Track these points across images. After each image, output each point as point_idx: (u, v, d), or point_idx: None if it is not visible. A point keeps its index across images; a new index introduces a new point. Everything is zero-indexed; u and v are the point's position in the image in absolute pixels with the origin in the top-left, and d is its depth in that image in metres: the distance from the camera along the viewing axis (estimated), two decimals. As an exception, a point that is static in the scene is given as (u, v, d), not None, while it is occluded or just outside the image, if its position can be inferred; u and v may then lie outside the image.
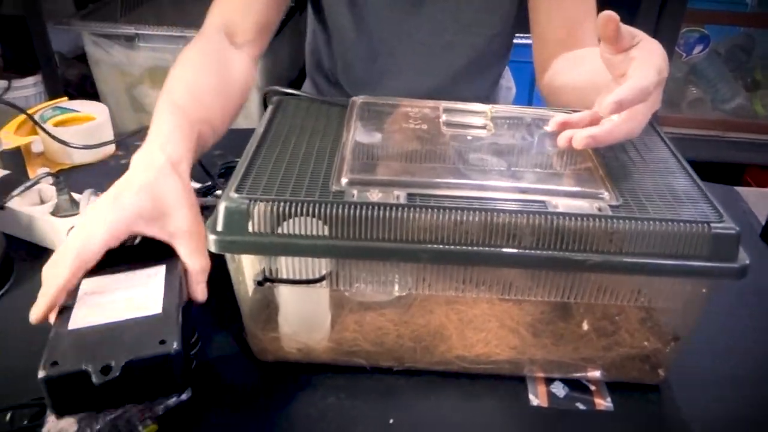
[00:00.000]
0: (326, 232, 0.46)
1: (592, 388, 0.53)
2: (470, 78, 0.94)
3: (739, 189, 0.84)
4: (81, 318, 0.46)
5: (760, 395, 0.54)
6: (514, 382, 0.54)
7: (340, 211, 0.45)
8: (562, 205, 0.47)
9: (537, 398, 0.53)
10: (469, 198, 0.47)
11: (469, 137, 0.56)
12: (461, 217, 0.45)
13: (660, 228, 0.45)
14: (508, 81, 1.10)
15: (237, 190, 0.47)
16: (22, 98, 1.49)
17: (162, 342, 0.43)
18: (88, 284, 0.48)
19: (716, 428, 0.51)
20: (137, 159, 0.53)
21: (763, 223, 0.75)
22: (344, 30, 0.88)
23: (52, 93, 1.53)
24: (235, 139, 0.64)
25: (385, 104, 0.61)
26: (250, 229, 0.46)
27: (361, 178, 0.49)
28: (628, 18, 1.42)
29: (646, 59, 0.51)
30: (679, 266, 0.45)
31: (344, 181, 0.48)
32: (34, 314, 0.47)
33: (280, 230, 0.46)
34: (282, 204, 0.45)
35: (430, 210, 0.45)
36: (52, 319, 0.47)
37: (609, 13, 0.51)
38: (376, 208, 0.45)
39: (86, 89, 1.73)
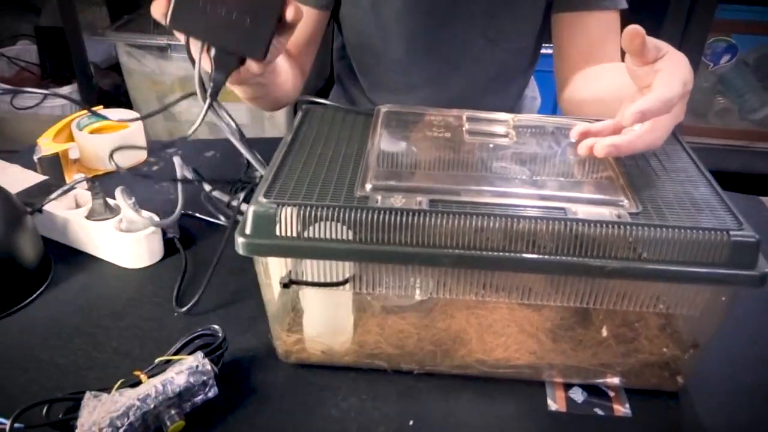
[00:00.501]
0: (350, 237, 0.47)
1: (611, 394, 0.54)
2: (496, 89, 0.95)
3: (763, 198, 0.84)
4: None
5: (782, 405, 0.54)
6: (533, 386, 0.54)
7: (364, 216, 0.46)
8: (582, 212, 0.47)
9: (555, 403, 0.53)
10: (490, 204, 0.48)
11: (491, 145, 0.57)
12: (482, 222, 0.46)
13: (679, 235, 0.45)
14: (533, 91, 1.10)
15: (265, 195, 0.49)
16: (58, 107, 1.54)
17: None
18: None
19: (736, 437, 0.51)
20: None
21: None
22: (370, 44, 0.90)
23: (87, 101, 1.58)
24: (265, 147, 0.66)
25: (409, 113, 0.63)
26: (278, 232, 0.47)
27: (385, 185, 0.50)
28: (655, 27, 1.42)
29: (672, 71, 0.52)
30: (697, 273, 0.45)
31: (368, 187, 0.50)
32: None
33: (306, 234, 0.47)
34: (308, 208, 0.47)
35: (451, 216, 0.46)
36: None
37: (635, 28, 0.52)
38: (399, 213, 0.46)
39: (119, 98, 1.78)
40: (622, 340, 0.53)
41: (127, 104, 1.68)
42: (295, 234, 0.47)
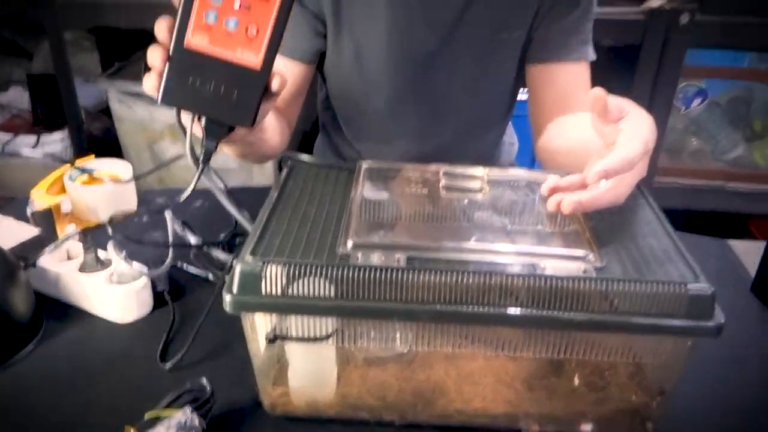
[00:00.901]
0: (333, 293, 0.50)
1: (585, 440, 0.56)
2: (475, 137, 0.99)
3: (730, 241, 0.88)
4: None
5: (749, 448, 0.56)
6: (511, 434, 0.57)
7: (345, 273, 0.49)
8: (551, 266, 0.50)
9: (532, 450, 0.55)
10: (465, 261, 0.51)
11: (466, 201, 0.60)
12: (457, 278, 0.49)
13: (639, 288, 0.48)
14: (510, 137, 1.15)
15: (252, 253, 0.51)
16: (48, 152, 1.57)
17: None
18: None
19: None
20: None
21: (753, 275, 0.78)
22: (354, 95, 0.94)
23: (78, 147, 1.60)
24: (252, 197, 0.69)
25: (388, 169, 0.66)
26: (263, 290, 0.50)
27: (366, 242, 0.53)
28: (629, 73, 1.48)
29: (634, 131, 0.56)
30: (658, 325, 0.48)
31: (350, 244, 0.52)
32: None
33: (290, 290, 0.50)
34: (293, 266, 0.49)
35: (428, 272, 0.49)
36: None
37: (597, 91, 0.56)
38: (379, 270, 0.49)
39: (109, 142, 1.81)
40: (594, 388, 0.56)
41: (117, 148, 1.71)
42: (280, 291, 0.50)
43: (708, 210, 1.55)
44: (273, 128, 0.79)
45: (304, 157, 0.69)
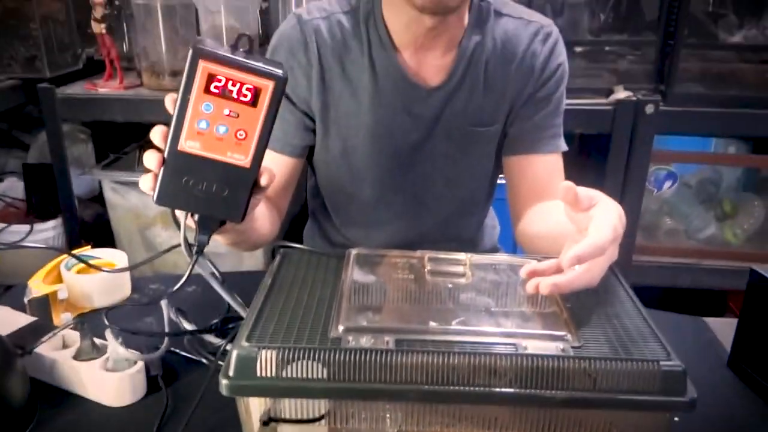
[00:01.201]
0: (325, 375, 0.52)
1: None
2: (458, 221, 1.04)
3: (707, 319, 0.91)
4: None
5: None
6: None
7: (336, 356, 0.52)
8: (531, 347, 0.53)
9: None
10: (450, 342, 0.54)
11: (450, 285, 0.64)
12: (444, 359, 0.52)
13: (615, 366, 0.51)
14: (492, 220, 1.20)
15: (247, 339, 0.54)
16: (42, 240, 1.60)
17: None
18: None
19: None
20: None
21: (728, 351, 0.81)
22: (341, 185, 0.99)
23: (71, 235, 1.64)
24: (244, 282, 0.72)
25: (376, 255, 0.70)
26: (258, 373, 0.52)
27: (356, 326, 0.56)
28: (601, 159, 1.56)
29: (603, 219, 0.61)
30: (633, 401, 0.51)
31: (341, 328, 0.55)
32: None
33: (284, 374, 0.52)
34: (286, 351, 0.52)
35: (416, 354, 0.52)
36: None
37: (567, 184, 0.61)
38: (368, 353, 0.52)
39: (100, 228, 1.84)
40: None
41: (109, 234, 1.74)
42: (274, 374, 0.52)
43: (685, 287, 1.60)
44: (263, 217, 0.83)
45: (296, 246, 0.73)
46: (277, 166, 0.92)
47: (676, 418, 0.70)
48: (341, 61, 0.90)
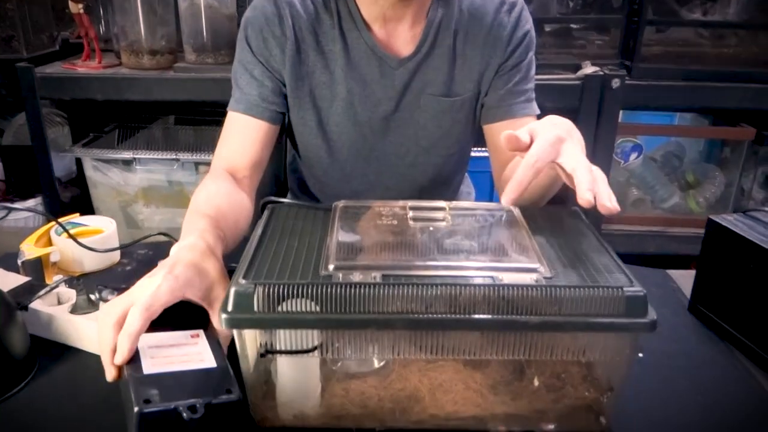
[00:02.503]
0: (317, 309, 0.56)
1: (547, 438, 0.62)
2: (432, 189, 1.08)
3: (669, 271, 0.98)
4: (151, 366, 0.57)
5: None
6: (481, 436, 0.63)
7: (328, 290, 0.56)
8: (507, 278, 0.58)
9: (501, 449, 0.61)
10: (432, 276, 0.58)
11: (431, 228, 0.68)
12: (427, 291, 0.56)
13: (583, 293, 0.56)
14: (468, 186, 1.25)
15: (244, 277, 0.58)
16: (21, 220, 1.60)
17: (228, 391, 0.55)
18: (143, 339, 0.60)
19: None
20: (180, 246, 0.67)
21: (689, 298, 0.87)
22: (318, 156, 1.02)
23: (52, 213, 1.64)
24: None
25: (362, 206, 0.74)
26: (255, 308, 0.56)
27: (345, 264, 0.60)
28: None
29: (540, 131, 0.69)
30: (600, 323, 0.56)
31: (331, 267, 0.59)
32: (120, 358, 0.58)
33: (279, 308, 0.56)
34: (280, 286, 0.56)
35: (401, 287, 0.56)
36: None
37: (506, 133, 0.68)
38: (358, 286, 0.56)
39: (78, 209, 1.85)
40: (552, 389, 0.63)
41: (90, 214, 1.75)
42: (269, 309, 0.56)
43: (652, 253, 1.67)
44: (233, 230, 0.81)
45: (284, 200, 0.76)
46: (254, 133, 0.94)
47: (640, 354, 0.76)
48: (314, 33, 0.93)
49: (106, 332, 0.59)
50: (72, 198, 1.97)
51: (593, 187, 0.65)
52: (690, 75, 1.62)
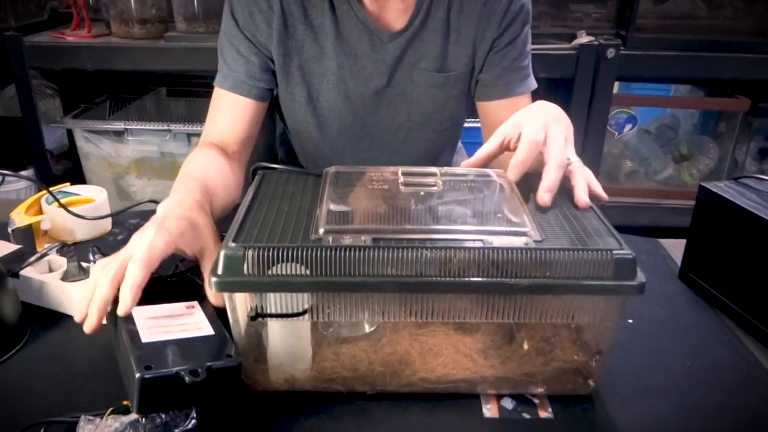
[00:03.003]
0: (307, 271, 0.56)
1: (536, 401, 0.63)
2: (425, 163, 1.07)
3: (660, 240, 0.98)
4: (149, 335, 0.58)
5: (680, 403, 0.64)
6: (470, 399, 0.63)
7: (318, 253, 0.56)
8: (497, 241, 0.58)
9: (489, 411, 0.62)
10: (423, 239, 0.58)
11: (422, 193, 0.68)
12: (417, 254, 0.56)
13: (573, 256, 0.56)
14: (462, 157, 1.24)
15: (234, 240, 0.57)
16: (13, 191, 1.59)
17: (228, 356, 0.56)
18: (139, 312, 0.60)
19: (639, 431, 0.60)
20: (167, 203, 0.68)
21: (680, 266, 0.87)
22: (309, 132, 1.01)
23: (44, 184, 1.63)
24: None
25: (353, 172, 0.73)
26: (245, 271, 0.56)
27: (336, 228, 0.60)
28: (565, 104, 1.61)
29: (525, 123, 0.71)
30: (589, 286, 0.56)
31: (321, 230, 0.59)
32: (123, 309, 0.58)
33: (269, 272, 0.56)
34: (271, 249, 0.56)
35: (391, 250, 0.56)
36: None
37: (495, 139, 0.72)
38: (348, 249, 0.56)
39: (72, 182, 1.84)
40: (541, 352, 0.63)
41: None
42: (260, 272, 0.56)
43: (644, 225, 1.68)
44: (224, 192, 0.82)
45: (275, 166, 0.76)
46: (242, 111, 0.93)
47: (630, 320, 0.77)
48: (303, 6, 0.91)
49: (103, 284, 0.60)
50: (65, 171, 1.96)
51: (574, 184, 0.67)
52: (685, 45, 1.60)
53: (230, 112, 0.93)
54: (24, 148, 1.67)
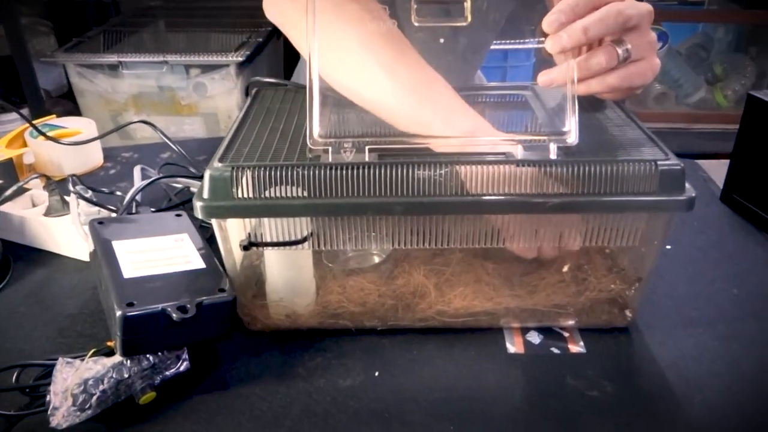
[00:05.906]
0: (306, 194, 0.49)
1: (566, 334, 0.56)
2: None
3: (699, 161, 0.89)
4: (132, 270, 0.51)
5: (728, 334, 0.57)
6: (492, 333, 0.57)
7: (317, 172, 0.48)
8: (522, 152, 0.50)
9: (514, 347, 0.55)
10: (436, 154, 0.50)
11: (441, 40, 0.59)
12: (429, 171, 0.48)
13: (611, 168, 0.48)
14: (480, 80, 1.14)
15: (221, 160, 0.50)
16: (8, 131, 1.53)
17: (221, 290, 0.50)
18: (122, 246, 0.54)
19: (682, 364, 0.54)
20: None
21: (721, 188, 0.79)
22: None
23: (40, 126, 1.57)
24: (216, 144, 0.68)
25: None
26: (235, 194, 0.49)
27: (334, 141, 0.51)
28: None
29: None
30: (631, 202, 0.48)
31: (317, 136, 0.51)
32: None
33: (263, 194, 0.49)
34: (264, 169, 0.49)
35: (400, 166, 0.48)
36: None
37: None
38: (351, 168, 0.48)
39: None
40: (574, 281, 0.56)
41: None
42: (252, 195, 0.49)
43: (674, 152, 1.58)
44: None
45: (272, 80, 0.68)
46: None
47: (668, 246, 0.69)
48: None
49: None
50: (65, 112, 1.89)
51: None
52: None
53: None
54: (17, 87, 1.60)
